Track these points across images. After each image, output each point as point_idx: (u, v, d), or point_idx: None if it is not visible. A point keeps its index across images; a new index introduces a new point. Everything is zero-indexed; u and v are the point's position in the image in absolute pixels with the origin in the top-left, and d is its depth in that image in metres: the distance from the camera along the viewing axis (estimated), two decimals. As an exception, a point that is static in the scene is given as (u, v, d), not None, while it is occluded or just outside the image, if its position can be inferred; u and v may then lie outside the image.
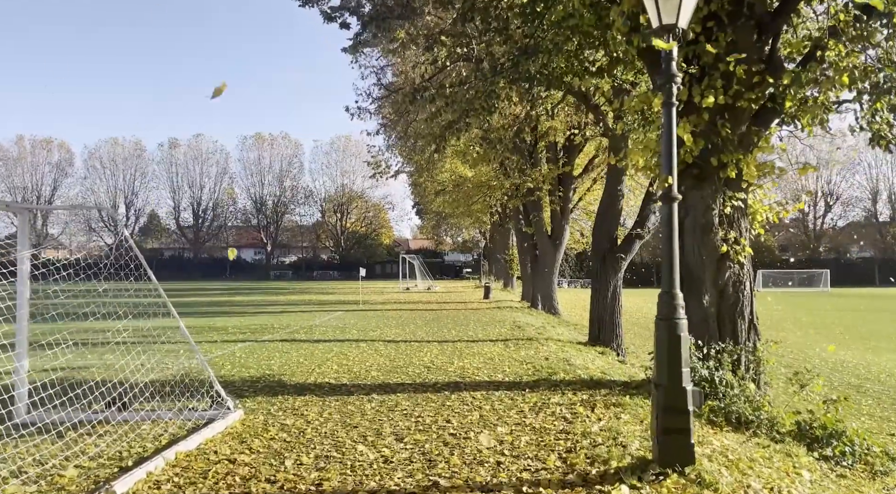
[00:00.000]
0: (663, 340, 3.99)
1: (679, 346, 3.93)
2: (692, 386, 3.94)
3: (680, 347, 3.92)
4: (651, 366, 7.65)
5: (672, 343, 3.94)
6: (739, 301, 7.19)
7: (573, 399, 6.64)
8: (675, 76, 4.17)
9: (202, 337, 13.76)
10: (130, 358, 6.37)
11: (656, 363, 4.05)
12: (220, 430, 5.47)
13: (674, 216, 4.07)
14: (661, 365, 3.97)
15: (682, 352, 3.92)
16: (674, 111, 4.17)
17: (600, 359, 10.77)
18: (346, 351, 11.01)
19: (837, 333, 21.40)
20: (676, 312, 4.01)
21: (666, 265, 4.10)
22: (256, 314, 21.58)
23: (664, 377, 3.93)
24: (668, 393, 3.92)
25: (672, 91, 4.16)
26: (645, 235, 12.70)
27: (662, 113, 4.24)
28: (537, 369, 8.73)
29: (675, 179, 4.06)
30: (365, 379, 8.14)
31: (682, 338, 3.96)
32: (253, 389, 7.58)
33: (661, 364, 3.98)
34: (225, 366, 9.44)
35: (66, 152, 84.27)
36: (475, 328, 15.31)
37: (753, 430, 5.98)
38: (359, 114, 12.88)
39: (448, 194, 27.70)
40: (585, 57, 8.44)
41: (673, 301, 4.03)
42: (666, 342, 3.97)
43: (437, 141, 8.45)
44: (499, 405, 6.46)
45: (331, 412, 6.28)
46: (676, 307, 4.02)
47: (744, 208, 7.27)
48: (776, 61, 6.53)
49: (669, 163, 4.12)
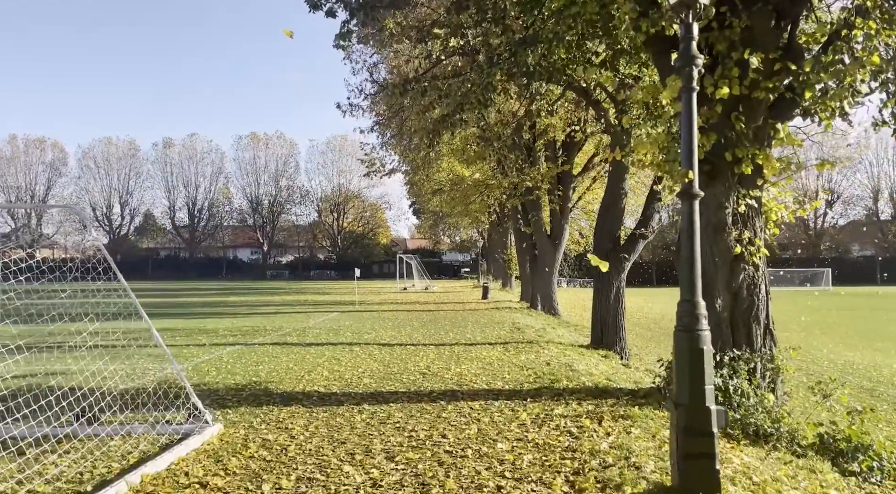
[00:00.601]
0: (684, 354, 3.55)
1: (702, 361, 3.49)
2: (716, 406, 3.50)
3: (703, 362, 3.49)
4: (660, 373, 7.26)
5: (694, 357, 3.50)
6: (754, 304, 6.76)
7: (578, 410, 6.20)
8: (695, 58, 3.74)
9: (191, 339, 13.31)
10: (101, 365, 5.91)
11: (676, 379, 3.61)
12: (195, 447, 5.03)
13: (695, 214, 3.64)
14: (682, 382, 3.54)
15: (705, 368, 3.48)
16: (694, 97, 3.74)
17: (604, 364, 10.34)
18: (339, 355, 10.57)
19: (843, 333, 21.01)
20: (698, 323, 3.57)
21: (686, 269, 3.67)
22: (249, 315, 21.12)
23: (685, 395, 3.50)
24: (689, 414, 3.48)
25: (692, 74, 3.73)
26: (649, 235, 12.27)
27: (682, 99, 3.81)
28: (538, 375, 8.30)
29: (697, 174, 3.63)
30: (356, 387, 7.70)
31: (706, 352, 3.52)
32: (237, 398, 7.13)
33: (681, 380, 3.55)
34: (210, 372, 8.99)
35: (60, 152, 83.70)
36: (473, 330, 14.87)
37: (773, 444, 5.55)
38: (350, 111, 12.43)
39: (445, 193, 27.25)
40: (587, 48, 8.00)
41: (694, 310, 3.60)
42: (687, 356, 3.53)
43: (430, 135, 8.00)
44: (498, 417, 6.02)
45: (317, 425, 5.83)
46: (699, 317, 3.58)
47: (758, 206, 6.84)
48: (795, 49, 6.10)
49: (689, 155, 3.69)
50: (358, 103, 12.18)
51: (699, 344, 3.51)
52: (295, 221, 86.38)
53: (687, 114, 3.73)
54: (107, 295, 5.61)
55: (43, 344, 10.02)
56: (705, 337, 3.56)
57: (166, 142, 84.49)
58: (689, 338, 3.55)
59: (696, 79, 3.75)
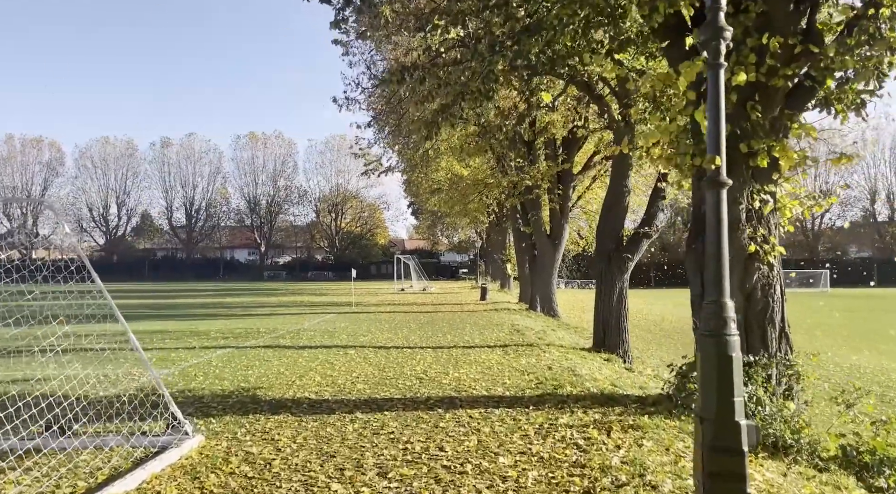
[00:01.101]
0: (710, 361, 3.17)
1: (731, 369, 3.11)
2: (747, 421, 3.12)
3: (732, 370, 3.11)
4: (670, 380, 6.89)
5: (722, 365, 3.12)
6: (769, 306, 6.40)
7: (584, 419, 5.82)
8: (723, 30, 3.37)
9: (181, 342, 12.91)
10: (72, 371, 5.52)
11: (701, 390, 3.24)
12: (171, 462, 4.64)
13: (722, 205, 3.27)
14: (708, 393, 3.16)
15: (734, 377, 3.11)
16: (721, 74, 3.38)
17: (607, 368, 9.97)
18: (333, 359, 10.18)
19: (845, 335, 20.68)
20: (727, 326, 3.19)
21: (713, 266, 3.29)
22: (244, 316, 20.72)
23: (711, 408, 3.12)
24: (716, 429, 3.11)
25: (719, 49, 3.36)
26: (653, 234, 11.91)
27: (708, 77, 3.44)
28: (540, 381, 7.92)
29: (724, 159, 3.26)
30: (350, 394, 7.31)
31: (735, 359, 3.15)
32: (222, 406, 6.73)
33: (707, 391, 3.17)
34: (197, 377, 8.59)
35: (57, 151, 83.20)
36: (472, 332, 14.49)
37: (794, 456, 5.18)
38: (347, 105, 12.04)
39: (444, 192, 26.87)
40: (592, 36, 7.63)
41: (722, 311, 3.22)
42: (714, 364, 3.15)
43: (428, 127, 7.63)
44: (500, 426, 5.64)
45: (306, 436, 5.44)
46: (727, 319, 3.20)
47: (773, 202, 6.48)
48: (815, 33, 5.73)
49: (717, 140, 3.31)
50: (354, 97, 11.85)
51: (728, 350, 3.13)
52: (293, 222, 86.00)
53: (714, 94, 3.36)
54: (80, 297, 5.20)
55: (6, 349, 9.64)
56: (734, 343, 3.19)
57: (164, 142, 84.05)
58: (717, 343, 3.17)
59: (723, 54, 3.38)
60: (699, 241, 6.75)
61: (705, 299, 3.35)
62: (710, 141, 3.38)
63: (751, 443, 3.09)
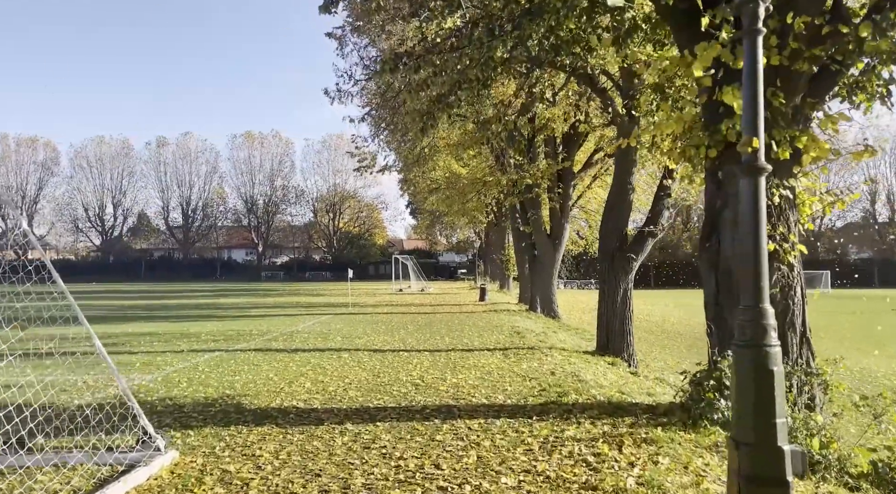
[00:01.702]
0: (748, 377, 2.74)
1: (772, 386, 2.68)
2: (792, 445, 2.69)
3: (773, 387, 2.68)
4: (684, 388, 6.45)
5: (762, 381, 2.69)
6: (789, 309, 5.97)
7: (592, 431, 5.38)
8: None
9: (169, 346, 12.45)
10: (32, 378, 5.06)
11: (735, 410, 2.80)
12: (137, 483, 4.19)
13: (760, 195, 2.83)
14: (744, 414, 2.72)
15: (776, 395, 2.68)
16: (759, 42, 2.94)
17: (612, 373, 9.53)
18: (325, 363, 9.73)
19: (851, 338, 20.25)
20: (766, 335, 2.76)
21: (749, 265, 2.85)
22: (238, 318, 20.26)
23: (748, 431, 2.68)
24: (755, 456, 2.67)
25: (757, 13, 2.92)
26: (658, 233, 11.48)
27: (745, 46, 3.00)
28: (544, 387, 7.48)
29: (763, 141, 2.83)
30: (341, 402, 6.87)
31: (776, 374, 2.71)
32: (203, 416, 6.28)
33: (743, 412, 2.73)
34: (181, 383, 8.14)
35: (52, 151, 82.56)
36: (471, 334, 14.04)
37: (822, 474, 4.75)
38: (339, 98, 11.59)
39: (442, 191, 26.42)
40: (598, 22, 7.19)
41: (761, 318, 2.78)
42: (751, 380, 2.71)
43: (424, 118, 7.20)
44: (501, 440, 5.20)
45: (290, 451, 5.00)
46: (767, 328, 2.76)
47: (792, 198, 6.05)
48: (843, 12, 5.30)
49: (754, 118, 2.88)
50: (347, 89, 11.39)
51: (768, 364, 2.70)
52: (290, 221, 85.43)
53: (751, 65, 2.92)
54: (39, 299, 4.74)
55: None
56: (776, 355, 2.75)
57: (160, 141, 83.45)
58: (755, 356, 2.73)
59: (762, 17, 2.94)
60: (713, 239, 6.34)
61: (741, 304, 2.91)
62: (747, 120, 2.94)
63: (796, 472, 2.66)
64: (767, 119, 5.60)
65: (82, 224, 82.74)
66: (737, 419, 2.76)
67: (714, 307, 6.30)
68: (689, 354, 17.44)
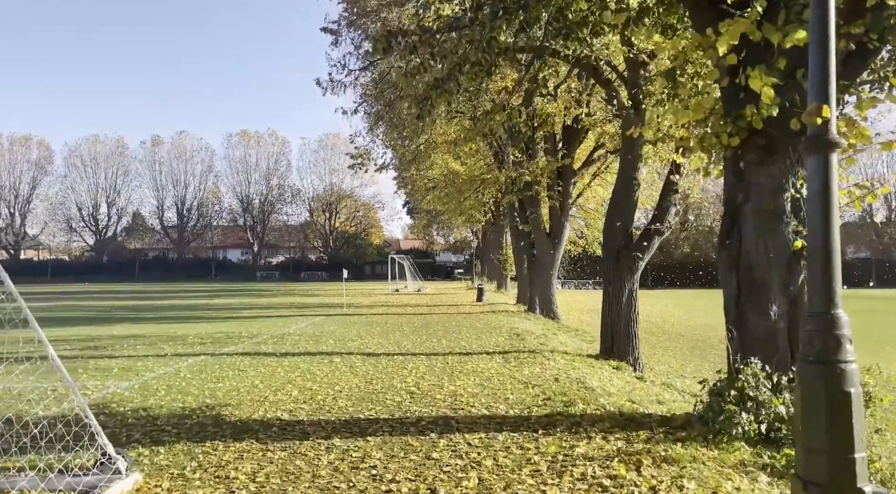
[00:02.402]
0: (817, 400, 2.23)
1: (849, 413, 2.17)
2: (873, 486, 2.18)
3: (850, 414, 2.17)
4: (702, 398, 5.94)
5: (836, 406, 2.17)
6: (818, 312, 5.45)
7: (606, 448, 4.86)
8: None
9: (153, 349, 11.89)
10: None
11: (802, 441, 2.28)
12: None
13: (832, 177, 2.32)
14: (814, 445, 2.21)
15: (854, 424, 2.16)
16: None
17: (618, 378, 9.03)
18: (315, 368, 9.20)
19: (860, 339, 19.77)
20: (841, 349, 2.24)
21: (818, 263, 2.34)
22: (229, 319, 19.70)
23: (820, 469, 2.17)
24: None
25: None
26: (665, 230, 10.97)
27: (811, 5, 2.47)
28: (548, 396, 6.97)
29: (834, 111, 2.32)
30: (329, 413, 6.34)
31: (854, 398, 2.20)
32: (178, 429, 5.74)
33: (812, 444, 2.22)
34: (159, 391, 7.60)
35: (46, 150, 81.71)
36: (469, 336, 13.53)
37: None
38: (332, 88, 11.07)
39: (439, 189, 25.91)
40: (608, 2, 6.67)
41: (833, 328, 2.27)
42: (824, 404, 2.20)
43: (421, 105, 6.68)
44: (504, 458, 4.68)
45: (269, 472, 4.47)
46: (841, 340, 2.25)
47: (822, 191, 5.54)
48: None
49: (825, 81, 2.37)
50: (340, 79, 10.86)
51: (844, 384, 2.19)
52: (286, 221, 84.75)
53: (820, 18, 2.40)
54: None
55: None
56: (852, 373, 2.24)
57: (154, 140, 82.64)
58: (827, 374, 2.22)
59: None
60: (734, 236, 5.83)
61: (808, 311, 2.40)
62: (815, 84, 2.43)
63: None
64: (797, 103, 5.10)
65: (76, 223, 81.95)
66: (804, 452, 2.25)
67: (735, 309, 5.79)
68: (693, 356, 16.96)
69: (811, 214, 2.41)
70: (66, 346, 12.24)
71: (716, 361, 15.63)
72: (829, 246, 2.33)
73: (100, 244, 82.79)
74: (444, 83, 6.32)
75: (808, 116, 2.44)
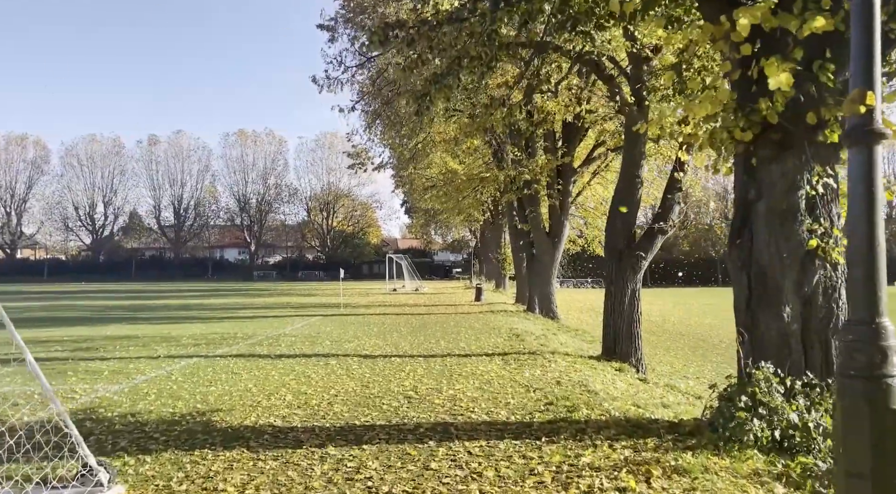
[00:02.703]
0: (860, 419, 2.00)
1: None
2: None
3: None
4: (711, 404, 5.73)
5: (882, 426, 1.95)
6: (832, 314, 5.25)
7: (612, 457, 4.64)
8: None
9: (145, 350, 11.64)
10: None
11: (842, 463, 2.06)
12: (65, 532, 3.42)
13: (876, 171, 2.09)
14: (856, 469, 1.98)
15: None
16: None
17: (621, 381, 8.81)
18: (311, 371, 8.96)
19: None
20: (887, 363, 2.01)
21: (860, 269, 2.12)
22: (224, 319, 19.45)
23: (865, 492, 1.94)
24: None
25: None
26: (668, 229, 10.76)
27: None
28: (550, 400, 6.74)
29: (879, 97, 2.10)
30: (324, 419, 6.10)
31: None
32: (166, 437, 5.50)
33: (854, 466, 1.99)
34: (149, 396, 7.36)
35: (42, 149, 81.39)
36: (467, 337, 13.31)
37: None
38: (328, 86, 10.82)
39: (438, 188, 25.68)
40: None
41: (879, 338, 2.04)
42: (867, 423, 1.97)
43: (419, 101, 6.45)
44: (506, 468, 4.45)
45: (260, 483, 4.23)
46: (888, 352, 2.02)
47: (836, 188, 5.34)
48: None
49: (868, 65, 2.15)
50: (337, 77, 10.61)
51: (891, 403, 1.95)
52: (283, 220, 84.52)
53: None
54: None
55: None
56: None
57: (151, 140, 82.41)
58: (872, 391, 1.99)
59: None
60: (745, 235, 5.61)
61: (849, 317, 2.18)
62: (858, 67, 2.21)
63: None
64: (814, 96, 4.89)
65: (72, 223, 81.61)
66: (845, 477, 2.02)
67: (746, 311, 5.57)
68: (695, 356, 16.76)
69: (851, 214, 2.18)
70: (58, 347, 12.00)
71: (718, 361, 15.44)
72: (873, 248, 2.09)
73: (96, 243, 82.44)
74: (443, 78, 6.08)
75: (851, 104, 2.20)
